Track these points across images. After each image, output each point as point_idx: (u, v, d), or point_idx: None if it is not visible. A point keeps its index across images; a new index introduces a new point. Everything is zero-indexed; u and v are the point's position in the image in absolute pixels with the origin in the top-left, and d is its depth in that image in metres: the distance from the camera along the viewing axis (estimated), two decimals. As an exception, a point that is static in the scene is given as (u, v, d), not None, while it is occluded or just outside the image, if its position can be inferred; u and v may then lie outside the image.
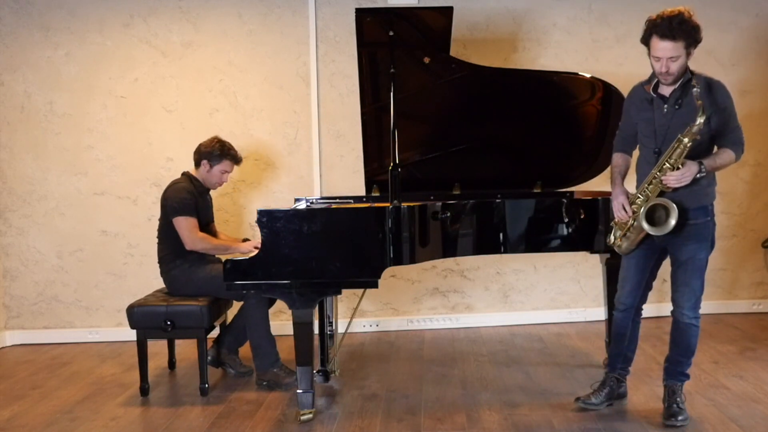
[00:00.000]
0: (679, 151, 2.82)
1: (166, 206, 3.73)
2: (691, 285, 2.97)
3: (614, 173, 3.15)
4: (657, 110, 2.95)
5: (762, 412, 3.16)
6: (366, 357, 4.22)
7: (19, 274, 4.72)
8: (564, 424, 3.08)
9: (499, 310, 4.91)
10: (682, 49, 2.79)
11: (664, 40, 2.76)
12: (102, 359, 4.32)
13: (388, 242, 3.14)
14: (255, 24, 4.66)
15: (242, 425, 3.18)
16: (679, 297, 3.01)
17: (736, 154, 2.92)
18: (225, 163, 3.83)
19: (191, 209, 3.69)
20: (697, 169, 2.83)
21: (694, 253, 2.95)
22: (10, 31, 4.61)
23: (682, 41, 2.76)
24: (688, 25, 2.76)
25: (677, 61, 2.80)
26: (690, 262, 2.96)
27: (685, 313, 3.00)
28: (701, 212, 2.94)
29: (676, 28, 2.74)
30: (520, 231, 3.53)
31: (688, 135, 2.78)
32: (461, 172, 4.07)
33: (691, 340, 3.03)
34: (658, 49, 2.80)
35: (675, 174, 2.82)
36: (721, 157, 2.90)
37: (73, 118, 4.66)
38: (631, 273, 3.13)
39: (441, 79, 3.86)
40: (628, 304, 3.16)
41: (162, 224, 3.78)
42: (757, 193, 4.98)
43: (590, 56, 4.77)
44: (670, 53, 2.78)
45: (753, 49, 4.87)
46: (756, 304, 5.02)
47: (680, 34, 2.75)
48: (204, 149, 3.81)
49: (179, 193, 3.71)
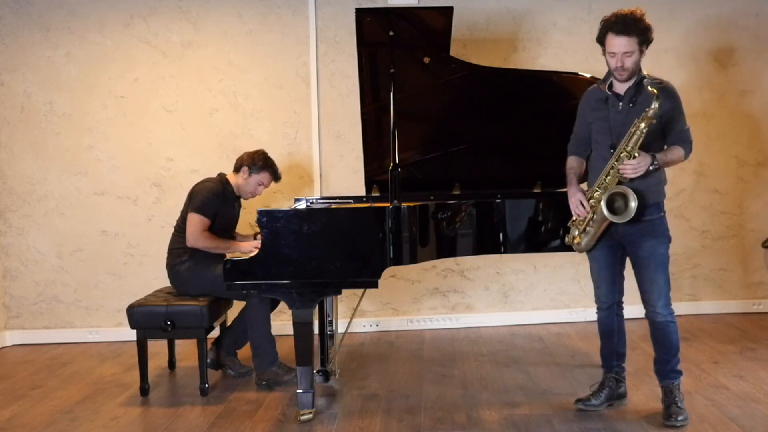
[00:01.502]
0: (636, 138, 2.90)
1: (190, 199, 3.75)
2: (656, 282, 3.02)
3: (569, 174, 3.24)
4: (612, 108, 3.05)
5: (762, 412, 3.16)
6: (366, 357, 4.22)
7: (19, 274, 4.72)
8: (564, 424, 3.08)
9: (499, 310, 4.91)
10: (636, 45, 2.92)
11: (620, 36, 2.91)
12: (102, 359, 4.32)
13: (388, 242, 3.14)
14: (255, 24, 4.66)
15: (242, 425, 3.18)
16: (649, 297, 3.05)
17: (686, 152, 3.04)
18: (264, 175, 3.85)
19: (209, 211, 3.68)
20: (651, 161, 2.93)
21: (654, 248, 3.01)
22: (10, 31, 4.61)
23: (635, 37, 2.91)
24: (642, 23, 2.92)
25: (631, 57, 2.93)
26: (652, 258, 3.02)
27: (659, 312, 3.03)
28: (655, 209, 3.03)
29: (630, 25, 2.90)
30: (520, 231, 3.54)
31: (645, 120, 2.88)
32: (461, 172, 4.06)
33: (672, 337, 3.06)
34: (613, 45, 2.93)
35: (631, 162, 2.92)
36: (672, 152, 3.01)
37: (73, 118, 4.66)
38: (604, 271, 3.20)
39: (441, 79, 3.86)
40: (609, 302, 3.22)
41: (182, 216, 3.79)
42: (757, 193, 4.98)
43: (590, 56, 4.75)
44: (625, 48, 2.91)
45: (753, 49, 4.87)
46: (756, 304, 5.02)
47: (634, 30, 2.90)
48: (247, 157, 3.83)
49: (205, 192, 3.71)
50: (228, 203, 3.83)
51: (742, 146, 4.92)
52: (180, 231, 3.77)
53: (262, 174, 3.85)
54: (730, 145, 4.91)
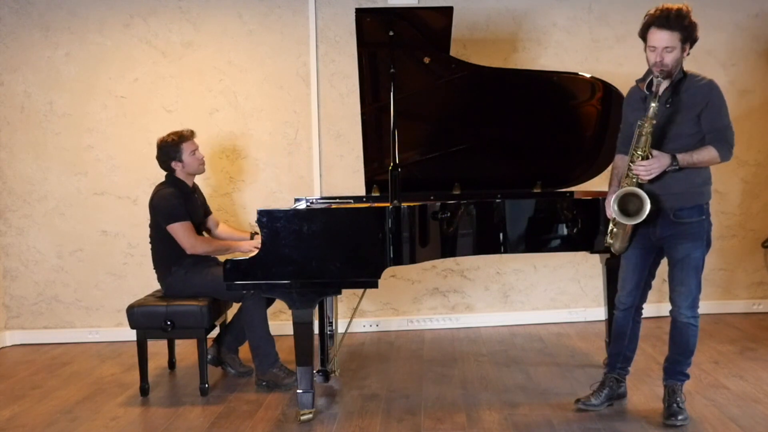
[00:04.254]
0: (644, 139, 2.85)
1: (156, 215, 3.69)
2: (687, 284, 2.99)
3: (612, 175, 3.20)
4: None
5: (762, 412, 3.16)
6: (366, 357, 4.22)
7: (19, 274, 4.72)
8: (564, 424, 3.08)
9: (499, 310, 4.90)
10: (678, 42, 2.82)
11: (661, 30, 2.81)
12: (102, 359, 4.32)
13: (388, 242, 3.14)
14: (255, 24, 4.66)
15: (242, 425, 3.18)
16: (677, 296, 3.02)
17: (720, 154, 2.92)
18: (185, 145, 3.73)
19: (183, 213, 3.64)
20: (669, 161, 2.86)
21: (689, 251, 2.97)
22: (10, 31, 4.61)
23: (678, 33, 2.81)
24: (686, 19, 2.81)
25: (672, 53, 2.83)
26: (686, 260, 2.98)
27: (682, 313, 3.01)
28: (696, 211, 2.97)
29: (673, 19, 2.80)
30: (520, 231, 3.53)
31: (647, 121, 2.83)
32: (461, 172, 4.07)
33: (690, 340, 3.04)
34: (654, 39, 2.84)
35: (643, 163, 2.86)
36: (700, 153, 2.90)
37: (73, 118, 4.66)
38: (630, 273, 3.15)
39: (441, 79, 3.86)
40: (628, 304, 3.18)
41: (152, 231, 3.75)
42: (757, 193, 4.97)
43: (590, 56, 4.77)
44: (666, 43, 2.81)
45: (753, 49, 4.87)
46: (756, 304, 5.02)
47: (677, 25, 2.80)
48: (162, 153, 3.72)
49: (167, 199, 3.65)
50: (189, 198, 3.78)
51: (742, 146, 4.90)
52: (155, 246, 3.74)
53: (183, 147, 3.71)
54: (730, 145, 4.91)
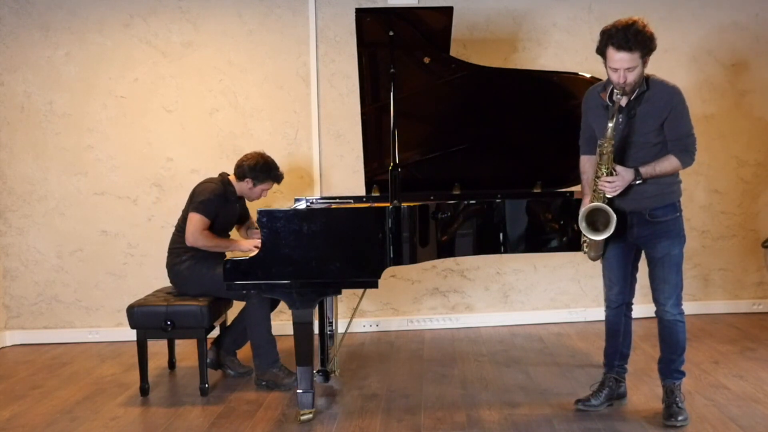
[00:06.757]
0: (606, 158, 2.86)
1: (191, 199, 3.76)
2: (669, 281, 3.00)
3: (582, 180, 3.18)
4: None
5: (762, 412, 3.16)
6: (366, 357, 4.22)
7: (19, 274, 4.72)
8: (564, 424, 3.08)
9: (499, 310, 4.90)
10: (639, 59, 2.79)
11: (621, 52, 2.76)
12: (102, 359, 4.32)
13: (388, 242, 3.14)
14: (255, 24, 4.66)
15: (242, 425, 3.18)
16: (660, 295, 3.04)
17: (682, 162, 2.92)
18: (267, 183, 3.86)
19: (210, 211, 3.68)
20: (632, 176, 2.88)
21: (668, 249, 2.99)
22: (10, 31, 4.61)
23: (638, 52, 2.76)
24: (644, 35, 2.75)
25: (634, 71, 2.80)
26: (666, 258, 3.00)
27: (668, 311, 3.03)
28: (670, 209, 2.99)
29: (631, 39, 2.73)
30: (520, 231, 3.53)
31: (606, 141, 2.83)
32: (461, 172, 4.07)
33: (679, 336, 3.05)
34: (615, 61, 2.79)
35: (609, 180, 2.87)
36: (662, 164, 2.91)
37: (73, 118, 4.66)
38: (615, 272, 3.17)
39: (441, 79, 3.85)
40: (618, 302, 3.21)
41: (183, 216, 3.80)
42: (757, 193, 4.98)
43: (590, 56, 4.67)
44: (628, 64, 2.77)
45: (753, 49, 4.87)
46: (756, 304, 5.02)
47: (636, 45, 2.74)
48: (249, 168, 3.78)
49: (207, 192, 3.71)
50: (230, 204, 3.83)
51: (742, 146, 4.92)
52: (180, 230, 3.77)
53: (267, 182, 3.86)
54: (730, 145, 4.91)
